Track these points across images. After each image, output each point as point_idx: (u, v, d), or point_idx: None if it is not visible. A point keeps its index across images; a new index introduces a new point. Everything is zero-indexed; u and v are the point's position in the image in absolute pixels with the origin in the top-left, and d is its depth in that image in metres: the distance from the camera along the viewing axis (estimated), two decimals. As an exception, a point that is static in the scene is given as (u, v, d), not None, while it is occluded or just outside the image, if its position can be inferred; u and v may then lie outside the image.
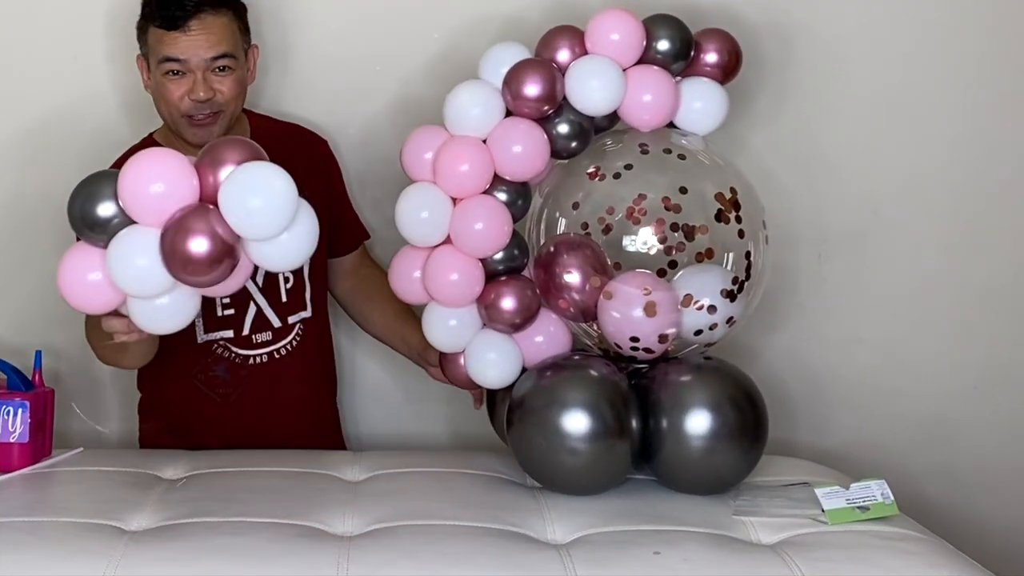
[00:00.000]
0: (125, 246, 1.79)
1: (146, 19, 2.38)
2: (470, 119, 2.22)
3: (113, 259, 1.79)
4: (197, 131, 2.38)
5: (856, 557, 1.90)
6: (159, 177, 1.80)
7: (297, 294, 2.48)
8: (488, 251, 2.22)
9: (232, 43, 2.37)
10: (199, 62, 2.33)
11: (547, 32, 2.30)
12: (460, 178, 2.19)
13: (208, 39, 2.33)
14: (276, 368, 2.48)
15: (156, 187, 1.79)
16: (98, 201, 1.79)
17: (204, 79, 2.34)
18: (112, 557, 1.83)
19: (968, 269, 2.77)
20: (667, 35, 2.28)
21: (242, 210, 1.79)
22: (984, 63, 2.72)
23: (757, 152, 2.66)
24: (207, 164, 1.85)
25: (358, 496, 2.11)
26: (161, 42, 2.34)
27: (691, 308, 2.16)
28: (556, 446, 2.10)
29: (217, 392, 2.47)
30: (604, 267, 2.19)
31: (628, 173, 2.22)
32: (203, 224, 1.78)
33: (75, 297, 1.87)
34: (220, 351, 2.46)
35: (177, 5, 2.32)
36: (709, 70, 2.32)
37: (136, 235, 1.80)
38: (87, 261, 1.84)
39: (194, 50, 2.32)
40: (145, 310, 1.85)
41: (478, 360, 2.25)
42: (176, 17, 2.32)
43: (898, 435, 2.79)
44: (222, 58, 2.35)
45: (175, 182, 1.81)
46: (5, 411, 2.20)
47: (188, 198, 1.81)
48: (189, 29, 2.32)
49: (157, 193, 1.79)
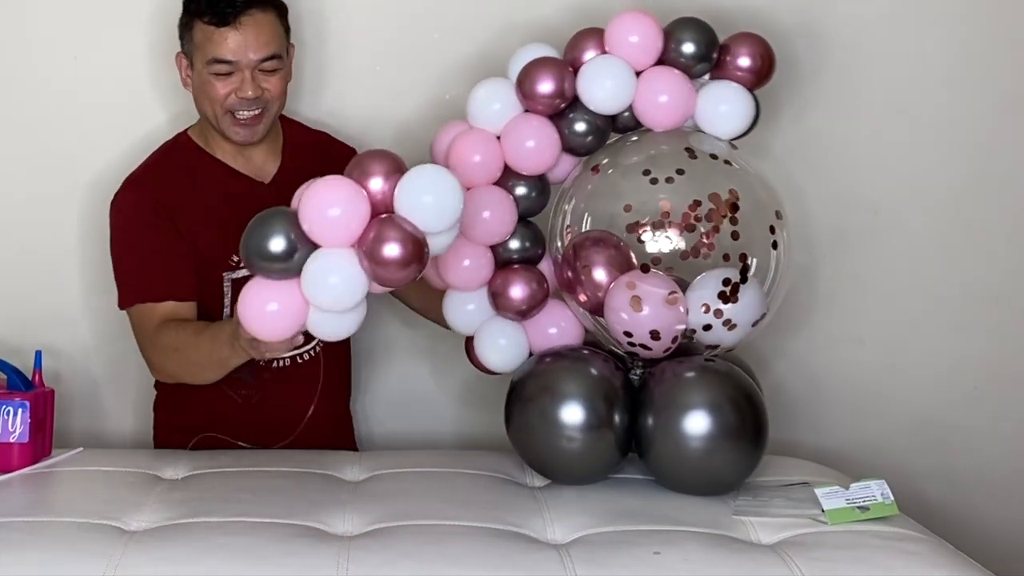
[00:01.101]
0: (318, 269, 1.92)
1: (192, 15, 2.38)
2: (490, 115, 2.31)
3: (308, 282, 1.92)
4: (241, 130, 2.40)
5: (856, 557, 1.90)
6: (335, 202, 1.92)
7: None
8: (493, 239, 2.30)
9: (279, 42, 2.39)
10: (248, 62, 2.35)
11: (574, 35, 2.36)
12: (470, 168, 2.27)
13: (257, 38, 2.34)
14: (298, 372, 2.48)
15: (334, 211, 1.91)
16: (271, 237, 1.91)
17: (252, 77, 2.36)
18: (112, 557, 1.83)
19: (968, 269, 2.77)
20: (691, 38, 2.31)
21: (424, 208, 1.93)
22: (984, 63, 2.73)
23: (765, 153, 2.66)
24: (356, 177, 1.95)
25: (358, 496, 2.11)
26: (210, 40, 2.34)
27: (678, 307, 2.16)
28: (551, 433, 2.15)
29: (239, 393, 2.46)
30: (629, 264, 2.21)
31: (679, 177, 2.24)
32: (394, 231, 1.90)
33: (259, 327, 1.98)
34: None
35: (227, 1, 2.33)
36: (741, 74, 2.34)
37: (325, 257, 1.93)
38: (265, 294, 1.96)
39: (243, 50, 2.34)
40: (330, 322, 1.98)
41: (485, 344, 2.33)
42: (227, 13, 2.33)
43: (898, 435, 2.79)
44: (270, 59, 2.37)
45: (350, 202, 1.92)
46: (5, 411, 2.20)
47: (365, 214, 1.92)
48: (240, 25, 2.33)
49: (336, 216, 1.91)
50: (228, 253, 2.41)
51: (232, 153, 2.46)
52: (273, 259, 1.92)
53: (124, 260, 2.43)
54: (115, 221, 2.44)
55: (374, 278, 1.93)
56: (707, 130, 2.32)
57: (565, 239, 2.28)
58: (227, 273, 2.42)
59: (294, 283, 1.94)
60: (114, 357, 2.70)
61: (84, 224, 2.66)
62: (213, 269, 2.41)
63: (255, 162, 2.48)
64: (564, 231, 2.29)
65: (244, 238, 1.94)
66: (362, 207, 1.92)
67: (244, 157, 2.47)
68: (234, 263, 2.41)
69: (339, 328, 2.01)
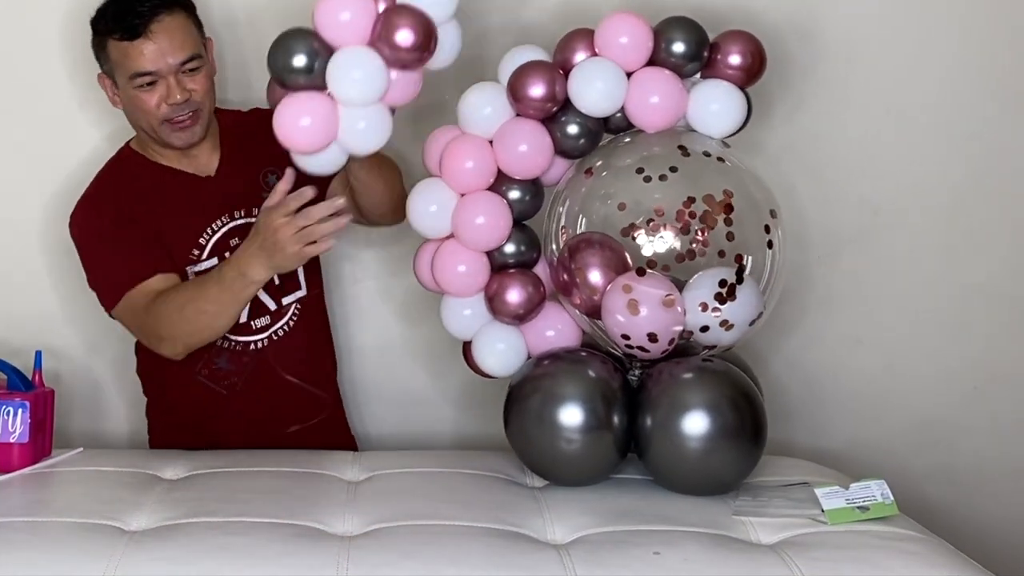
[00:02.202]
0: (341, 64, 2.12)
1: (102, 35, 2.37)
2: (481, 119, 2.30)
3: (334, 77, 2.12)
4: (180, 134, 2.40)
5: (856, 557, 1.90)
6: (345, 6, 2.12)
7: (289, 274, 2.48)
8: (488, 245, 2.29)
9: (194, 41, 2.39)
10: (169, 68, 2.35)
11: (564, 36, 2.35)
12: (464, 174, 2.27)
13: (172, 43, 2.34)
14: (276, 349, 2.49)
15: (344, 15, 2.12)
16: (294, 53, 2.12)
17: (177, 82, 2.35)
18: (112, 557, 1.83)
19: (968, 269, 2.77)
20: (681, 37, 2.30)
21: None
22: (984, 63, 2.72)
23: (759, 152, 2.66)
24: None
25: (358, 496, 2.11)
26: (127, 56, 2.34)
27: (675, 308, 2.16)
28: (550, 435, 2.15)
29: (222, 384, 2.48)
30: (625, 266, 2.21)
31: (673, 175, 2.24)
32: (407, 16, 2.12)
33: (297, 141, 2.16)
34: (220, 343, 2.45)
35: (134, 14, 2.32)
36: (732, 72, 2.33)
37: (346, 55, 2.13)
38: (297, 108, 2.14)
39: (161, 58, 2.34)
40: (359, 125, 2.16)
41: (483, 349, 2.33)
42: (135, 25, 2.32)
43: (898, 435, 2.79)
44: (190, 60, 2.37)
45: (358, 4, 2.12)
46: (5, 411, 2.21)
47: (373, 11, 2.13)
48: (151, 34, 2.33)
49: (346, 20, 2.12)
50: (188, 248, 2.43)
51: (175, 157, 2.47)
52: (298, 72, 2.12)
53: (98, 263, 2.43)
54: (78, 236, 2.45)
55: (392, 62, 2.12)
56: (699, 129, 2.32)
57: (560, 242, 2.28)
58: (190, 267, 2.43)
59: (323, 95, 2.13)
60: (114, 357, 2.70)
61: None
62: (178, 264, 2.42)
63: (200, 160, 2.48)
64: (559, 234, 2.29)
65: (269, 58, 2.14)
66: (369, 5, 2.11)
67: (188, 158, 2.47)
68: (195, 256, 2.43)
69: (370, 133, 2.17)
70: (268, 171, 2.46)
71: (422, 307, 2.64)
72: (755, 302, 2.22)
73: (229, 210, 2.47)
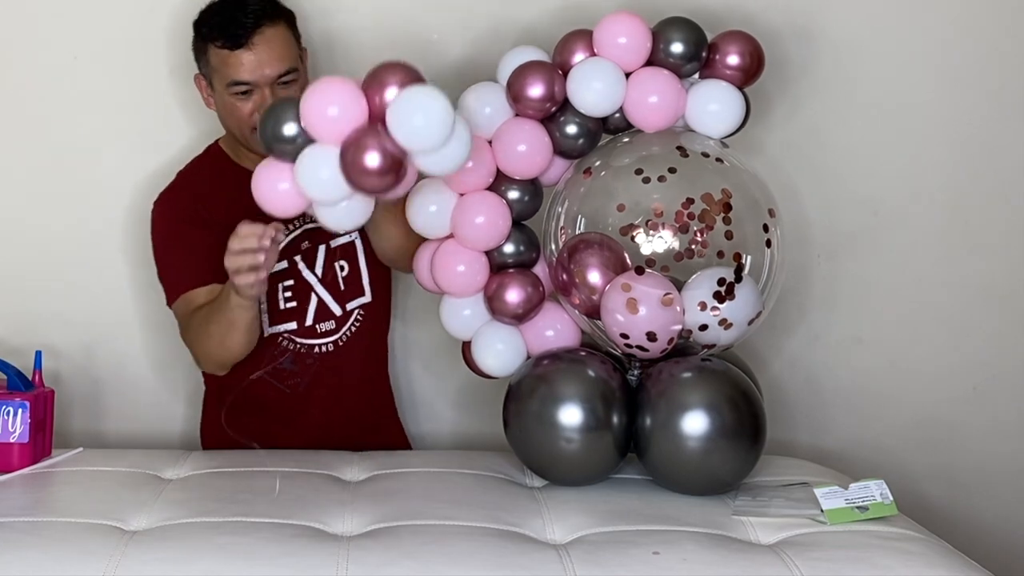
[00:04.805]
0: (310, 161, 2.02)
1: (204, 40, 2.41)
2: (480, 119, 2.30)
3: (300, 173, 2.03)
4: None
5: (855, 557, 1.90)
6: (334, 101, 2.01)
7: (354, 280, 2.52)
8: (487, 244, 2.30)
9: (293, 55, 2.41)
10: (266, 79, 2.37)
11: (563, 37, 2.35)
12: (463, 174, 2.27)
13: (271, 55, 2.37)
14: (340, 354, 2.51)
15: (332, 110, 2.01)
16: (283, 123, 2.04)
17: (272, 93, 2.37)
18: (112, 557, 1.83)
19: (968, 269, 2.77)
20: (679, 38, 2.31)
21: (408, 127, 1.98)
22: (984, 63, 2.73)
23: (758, 152, 2.66)
24: (373, 87, 2.01)
25: (358, 496, 2.11)
26: (226, 64, 2.37)
27: (674, 307, 2.16)
28: (549, 435, 2.16)
29: (286, 384, 2.49)
30: (623, 266, 2.21)
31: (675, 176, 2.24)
32: (375, 141, 1.98)
33: (269, 204, 2.09)
34: (285, 343, 2.48)
35: (237, 24, 2.35)
36: (730, 73, 2.34)
37: (318, 152, 2.02)
38: (277, 174, 2.06)
39: (260, 69, 2.36)
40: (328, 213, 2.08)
41: (482, 349, 2.33)
42: (238, 35, 2.35)
43: (897, 435, 2.79)
44: (287, 73, 2.39)
45: (347, 105, 2.01)
46: (5, 411, 2.21)
47: (359, 118, 2.01)
48: (253, 46, 2.36)
49: (333, 116, 2.01)
50: None
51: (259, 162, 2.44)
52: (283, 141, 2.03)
53: (167, 258, 2.48)
54: (156, 224, 2.50)
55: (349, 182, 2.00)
56: (698, 129, 2.32)
57: (559, 242, 2.29)
58: None
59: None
60: (114, 357, 2.70)
61: (85, 225, 2.67)
62: None
63: None
64: (558, 234, 2.29)
65: (260, 121, 2.08)
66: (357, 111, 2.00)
67: None
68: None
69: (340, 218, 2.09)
70: None
71: (421, 307, 2.64)
72: (754, 301, 2.22)
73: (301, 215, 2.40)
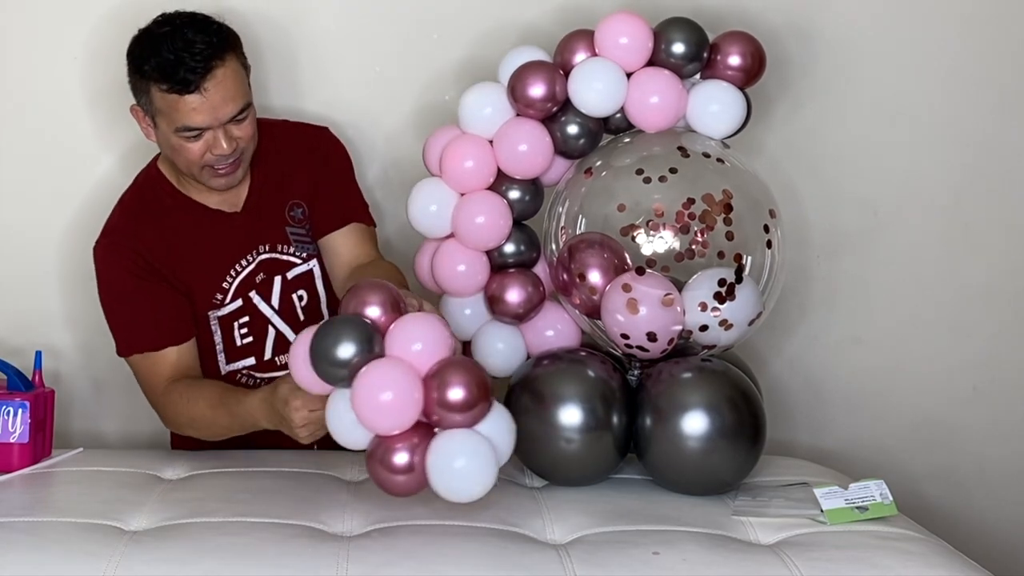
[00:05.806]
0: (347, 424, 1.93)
1: (145, 78, 2.22)
2: (481, 119, 2.31)
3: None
4: (221, 180, 2.31)
5: (855, 557, 1.90)
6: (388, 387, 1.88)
7: (314, 308, 2.45)
8: (488, 244, 2.31)
9: (245, 89, 2.27)
10: (219, 123, 2.23)
11: (564, 37, 2.36)
12: (464, 174, 2.29)
13: (224, 96, 2.21)
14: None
15: (386, 394, 1.88)
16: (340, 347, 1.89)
17: (224, 132, 2.24)
18: (112, 557, 1.83)
19: (968, 269, 2.77)
20: (681, 38, 2.31)
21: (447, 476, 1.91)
22: (984, 63, 2.72)
23: (758, 153, 2.66)
24: (434, 386, 1.89)
25: (358, 496, 2.11)
26: (175, 109, 2.20)
27: (674, 308, 2.16)
28: (549, 435, 2.16)
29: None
30: (624, 266, 2.21)
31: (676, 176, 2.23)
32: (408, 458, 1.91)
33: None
34: (244, 380, 2.43)
35: (184, 67, 2.17)
36: (731, 73, 2.34)
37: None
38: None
39: (213, 114, 2.21)
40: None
41: (482, 348, 2.35)
42: (188, 81, 2.18)
43: (897, 435, 2.79)
44: (241, 111, 2.25)
45: (404, 395, 1.88)
46: (5, 411, 2.21)
47: (414, 411, 1.90)
48: (204, 91, 2.19)
49: (387, 402, 1.88)
50: (212, 292, 2.38)
51: (206, 191, 2.37)
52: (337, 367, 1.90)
53: (115, 311, 2.37)
54: (99, 272, 2.37)
55: (372, 477, 1.95)
56: (699, 130, 2.33)
57: (560, 242, 2.29)
58: (212, 312, 2.39)
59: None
60: (114, 357, 2.69)
61: (85, 225, 2.66)
62: (199, 309, 2.38)
63: (229, 195, 2.39)
64: (559, 234, 2.29)
65: (314, 342, 1.90)
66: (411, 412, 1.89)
67: (219, 194, 2.37)
68: (218, 301, 2.39)
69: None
70: (293, 203, 2.41)
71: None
72: (754, 302, 2.22)
73: (254, 247, 2.39)
